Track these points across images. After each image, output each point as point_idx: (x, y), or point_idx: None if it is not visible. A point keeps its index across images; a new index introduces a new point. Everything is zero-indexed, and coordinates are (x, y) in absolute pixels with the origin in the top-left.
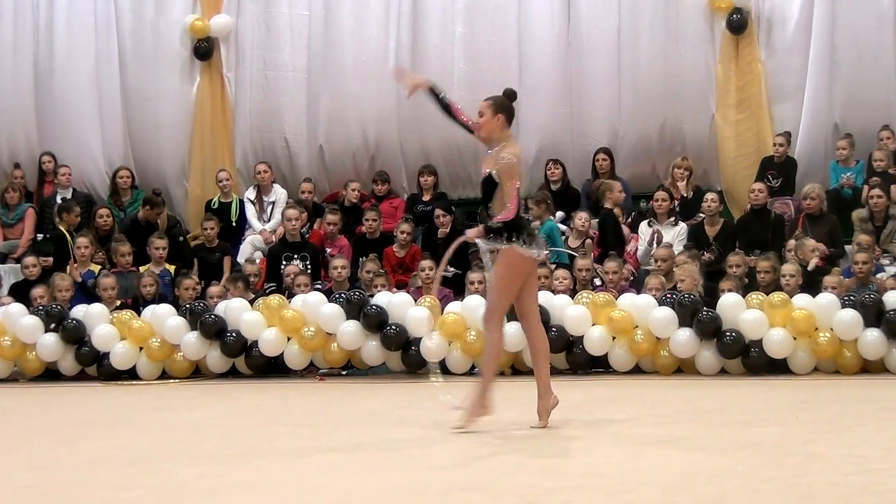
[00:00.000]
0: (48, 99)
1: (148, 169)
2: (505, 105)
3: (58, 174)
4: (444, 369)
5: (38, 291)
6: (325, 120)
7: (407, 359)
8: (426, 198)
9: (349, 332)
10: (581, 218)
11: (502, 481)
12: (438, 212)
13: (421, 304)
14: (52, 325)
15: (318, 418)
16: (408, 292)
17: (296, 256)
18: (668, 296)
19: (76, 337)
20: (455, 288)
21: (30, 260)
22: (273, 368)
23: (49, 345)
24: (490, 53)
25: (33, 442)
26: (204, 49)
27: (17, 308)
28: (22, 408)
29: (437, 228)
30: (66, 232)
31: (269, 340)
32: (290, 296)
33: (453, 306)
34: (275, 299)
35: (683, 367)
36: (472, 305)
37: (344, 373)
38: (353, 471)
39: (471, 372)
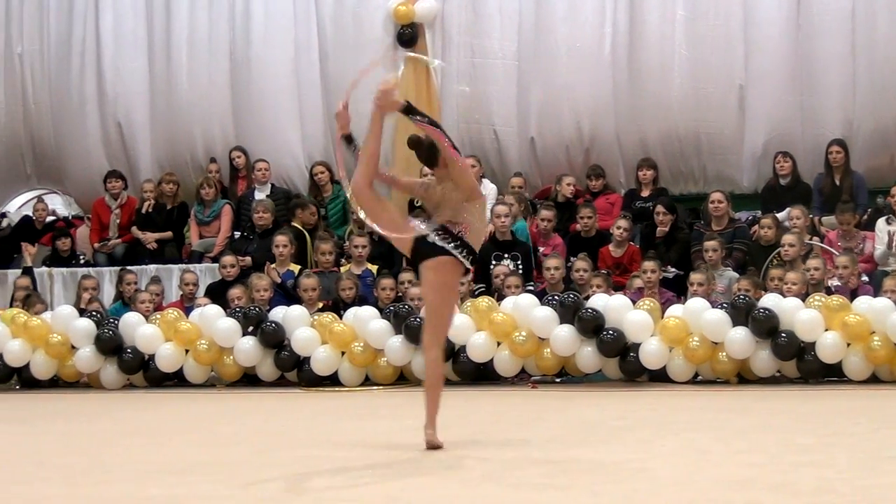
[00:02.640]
0: (244, 90)
1: (349, 163)
2: None
3: (253, 169)
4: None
5: (235, 292)
6: (537, 110)
7: (625, 366)
8: (645, 193)
9: (563, 336)
10: (796, 216)
11: (726, 498)
12: (658, 209)
13: (640, 308)
14: (251, 328)
15: (529, 429)
16: (626, 294)
17: (506, 256)
18: None
19: (275, 341)
20: (677, 290)
21: (228, 259)
22: (482, 375)
23: (247, 349)
24: (714, 38)
25: (231, 451)
26: (408, 36)
27: (214, 310)
28: (219, 415)
29: (656, 227)
30: (302, 229)
31: (478, 345)
32: (500, 298)
33: (675, 310)
34: (484, 302)
35: None
36: (695, 308)
37: (558, 380)
38: (563, 486)
39: (694, 379)
